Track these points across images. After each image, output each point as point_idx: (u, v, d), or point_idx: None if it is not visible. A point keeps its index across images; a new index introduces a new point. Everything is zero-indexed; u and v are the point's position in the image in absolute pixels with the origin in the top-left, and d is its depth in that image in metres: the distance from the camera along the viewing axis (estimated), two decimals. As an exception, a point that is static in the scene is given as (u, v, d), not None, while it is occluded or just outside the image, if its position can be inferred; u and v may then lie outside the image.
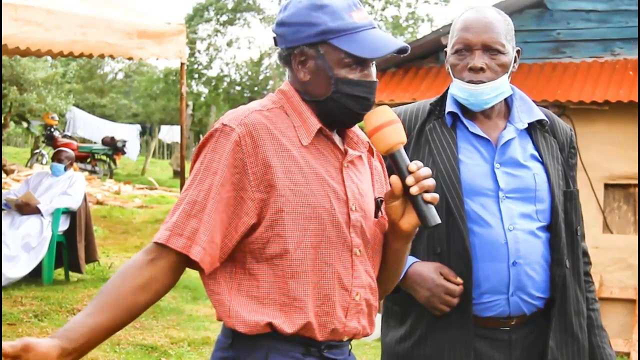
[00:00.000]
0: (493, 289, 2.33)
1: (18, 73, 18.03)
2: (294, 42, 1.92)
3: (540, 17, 7.50)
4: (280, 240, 1.86)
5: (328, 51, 1.90)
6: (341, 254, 1.92)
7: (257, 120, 1.89)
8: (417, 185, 1.88)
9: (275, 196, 1.85)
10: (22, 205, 7.67)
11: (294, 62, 1.94)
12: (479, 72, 2.35)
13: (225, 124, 1.88)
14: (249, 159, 1.85)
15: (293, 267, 1.87)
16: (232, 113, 1.92)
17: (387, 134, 1.91)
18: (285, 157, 1.88)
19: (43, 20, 6.72)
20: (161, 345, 6.01)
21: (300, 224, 1.86)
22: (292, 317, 1.87)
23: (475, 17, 2.39)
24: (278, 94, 1.98)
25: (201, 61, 34.26)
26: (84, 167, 18.02)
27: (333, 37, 1.89)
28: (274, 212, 1.85)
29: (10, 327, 6.15)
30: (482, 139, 2.41)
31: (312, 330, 1.88)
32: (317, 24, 1.89)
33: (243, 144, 1.85)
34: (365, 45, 1.89)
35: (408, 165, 1.90)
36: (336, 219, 1.90)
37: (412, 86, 7.53)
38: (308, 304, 1.87)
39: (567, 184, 2.46)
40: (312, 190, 1.88)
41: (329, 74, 1.90)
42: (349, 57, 1.90)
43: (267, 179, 1.85)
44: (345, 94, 1.91)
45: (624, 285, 6.93)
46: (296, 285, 1.87)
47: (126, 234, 11.81)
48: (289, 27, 1.92)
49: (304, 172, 1.89)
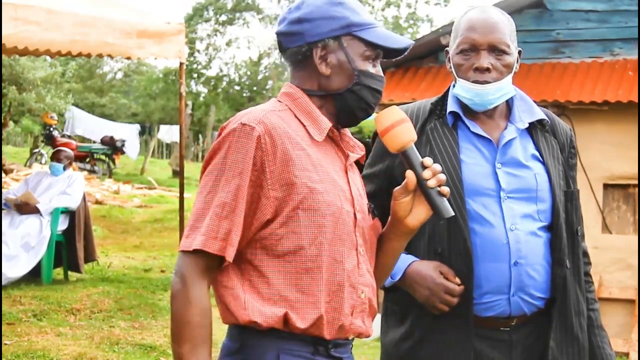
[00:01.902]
0: (494, 289, 2.33)
1: (17, 72, 18.02)
2: (317, 37, 1.95)
3: (539, 17, 7.50)
4: (294, 237, 1.88)
5: (351, 44, 1.96)
6: (349, 252, 1.95)
7: (274, 119, 1.91)
8: (435, 178, 1.95)
9: (293, 194, 1.87)
10: (21, 204, 7.67)
11: (315, 56, 1.96)
12: (484, 72, 2.35)
13: (244, 123, 1.88)
14: (267, 157, 1.86)
15: (307, 263, 1.88)
16: (248, 113, 1.93)
17: (400, 132, 1.98)
18: (301, 155, 1.90)
19: (42, 19, 6.72)
20: (160, 345, 6.00)
21: (316, 221, 1.89)
22: (304, 312, 1.88)
23: (481, 17, 2.39)
24: (283, 97, 2.01)
25: (200, 61, 34.28)
26: (83, 167, 18.01)
27: (357, 29, 1.96)
28: (290, 209, 1.87)
29: (9, 326, 6.15)
30: (483, 139, 2.41)
31: (321, 326, 1.89)
32: (341, 17, 1.95)
33: (263, 142, 1.86)
34: (386, 37, 1.98)
35: (422, 161, 1.98)
36: (346, 218, 1.94)
37: (411, 86, 7.53)
38: (320, 299, 1.88)
39: (568, 184, 2.46)
40: (325, 188, 1.91)
41: (352, 66, 1.96)
42: (371, 50, 1.97)
43: (285, 177, 1.87)
44: (365, 86, 1.97)
45: (623, 286, 6.94)
46: (310, 280, 1.88)
47: (125, 233, 11.82)
48: (310, 23, 1.95)
49: (317, 170, 1.92)
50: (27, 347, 5.60)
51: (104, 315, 6.73)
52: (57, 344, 5.75)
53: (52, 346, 5.66)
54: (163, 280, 8.19)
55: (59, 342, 5.81)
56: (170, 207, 13.60)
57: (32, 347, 5.60)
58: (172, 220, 12.30)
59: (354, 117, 2.01)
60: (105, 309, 6.90)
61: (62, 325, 6.33)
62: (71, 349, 5.62)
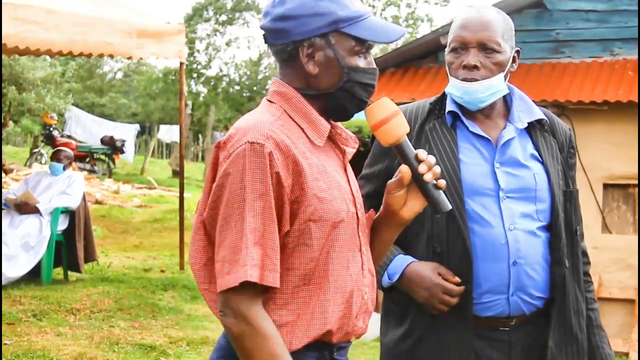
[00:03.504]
0: (493, 289, 2.33)
1: (17, 72, 18.03)
2: (303, 35, 1.86)
3: (539, 17, 7.50)
4: (305, 249, 1.83)
5: (339, 40, 1.87)
6: (355, 256, 1.92)
7: (279, 132, 1.83)
8: (431, 172, 1.92)
9: (304, 206, 1.82)
10: (21, 204, 7.67)
11: (302, 55, 1.87)
12: (472, 69, 2.35)
13: (252, 141, 1.79)
14: (282, 171, 1.79)
15: (315, 274, 1.84)
16: (251, 129, 1.82)
17: (393, 126, 1.93)
18: (308, 165, 1.84)
19: (42, 19, 6.73)
20: (160, 344, 6.00)
21: (326, 232, 1.84)
22: (312, 326, 1.84)
23: (473, 16, 2.39)
24: (274, 97, 1.92)
25: (200, 61, 34.25)
26: (83, 167, 18.01)
27: (344, 25, 1.86)
28: (302, 221, 1.82)
29: (9, 326, 6.15)
30: (482, 139, 2.41)
31: (330, 334, 1.86)
32: (327, 14, 1.85)
33: (275, 158, 1.79)
34: (376, 30, 1.89)
35: (417, 154, 1.93)
36: (351, 222, 1.91)
37: (411, 86, 7.52)
38: (329, 309, 1.84)
39: (567, 184, 2.46)
40: (333, 195, 1.86)
41: (340, 64, 1.87)
42: (360, 44, 1.88)
43: (298, 189, 1.81)
44: (357, 82, 1.89)
45: (623, 286, 6.93)
46: (320, 292, 1.84)
47: (125, 233, 11.81)
48: (295, 20, 1.85)
49: (324, 176, 1.86)
50: (27, 347, 5.60)
51: (104, 315, 6.73)
52: (57, 344, 5.75)
53: (52, 346, 5.66)
54: (163, 280, 8.18)
55: (58, 342, 5.81)
56: (170, 207, 13.60)
57: (32, 347, 5.60)
58: (172, 220, 12.30)
59: (347, 113, 1.94)
60: (105, 309, 6.90)
61: (62, 325, 6.33)
62: (71, 349, 5.62)
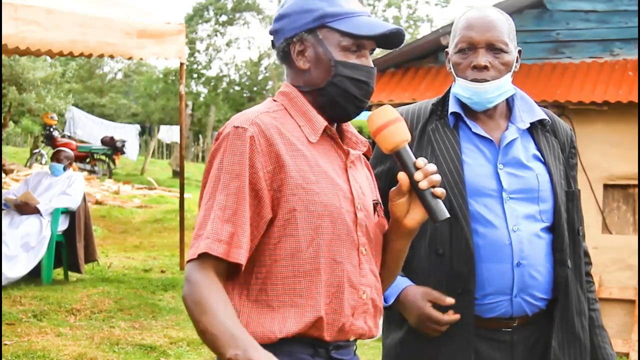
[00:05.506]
0: (497, 290, 2.33)
1: (17, 73, 18.02)
2: (293, 31, 1.94)
3: (539, 17, 7.50)
4: (291, 240, 1.86)
5: (327, 35, 1.93)
6: (350, 252, 1.93)
7: (268, 120, 1.89)
8: (427, 180, 1.91)
9: (287, 195, 1.85)
10: (21, 205, 7.67)
11: (293, 51, 1.95)
12: (482, 70, 2.35)
13: (237, 125, 1.87)
14: (263, 158, 1.84)
15: (305, 266, 1.86)
16: (241, 116, 1.91)
17: (393, 132, 1.93)
18: (296, 155, 1.88)
19: (42, 19, 6.73)
20: (160, 345, 6.00)
21: (313, 222, 1.86)
22: (303, 315, 1.86)
23: (478, 16, 2.39)
24: (279, 97, 1.99)
25: (200, 61, 34.29)
26: (83, 167, 18.02)
27: (331, 20, 1.92)
28: (286, 211, 1.85)
29: (9, 326, 6.15)
30: (485, 140, 2.41)
31: (321, 328, 1.88)
32: (315, 10, 1.93)
33: (257, 143, 1.85)
34: (362, 26, 1.93)
35: (415, 162, 1.93)
36: (345, 218, 1.92)
37: (411, 86, 7.52)
38: (319, 301, 1.87)
39: (569, 184, 2.46)
40: (322, 188, 1.89)
41: (328, 58, 1.92)
42: (347, 39, 1.92)
43: (280, 177, 1.85)
44: (346, 77, 1.92)
45: (623, 286, 6.93)
46: (308, 283, 1.86)
47: (125, 233, 11.82)
48: (287, 18, 1.95)
49: (314, 170, 1.89)
50: (27, 348, 5.60)
51: (104, 316, 6.73)
52: (57, 344, 5.75)
53: (52, 346, 5.66)
54: (163, 281, 8.18)
55: (59, 343, 5.81)
56: (170, 207, 13.61)
57: (32, 348, 5.60)
58: (172, 220, 12.31)
59: (343, 110, 1.96)
60: (105, 309, 6.90)
61: (62, 326, 6.33)
62: (71, 349, 5.62)
